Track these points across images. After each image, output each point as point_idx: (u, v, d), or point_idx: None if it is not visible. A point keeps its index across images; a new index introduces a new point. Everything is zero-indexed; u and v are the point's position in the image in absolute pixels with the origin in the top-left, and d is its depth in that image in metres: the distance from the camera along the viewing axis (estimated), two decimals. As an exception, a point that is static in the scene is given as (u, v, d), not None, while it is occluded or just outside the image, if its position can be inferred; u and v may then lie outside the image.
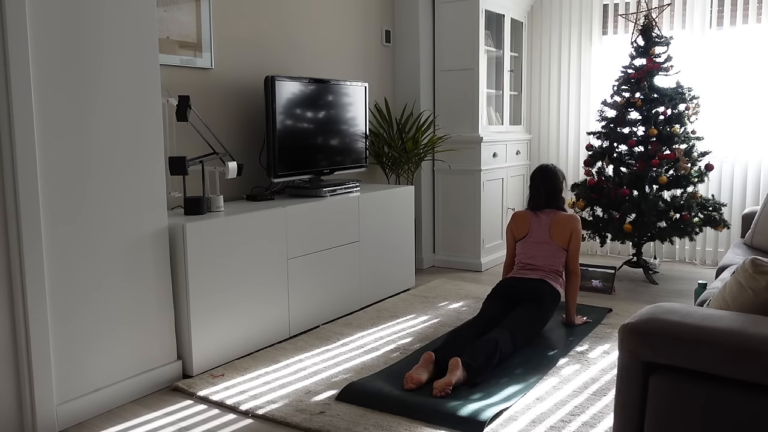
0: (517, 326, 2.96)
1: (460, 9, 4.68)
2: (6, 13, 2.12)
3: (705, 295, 2.41)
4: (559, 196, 3.43)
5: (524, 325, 3.00)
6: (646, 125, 4.25)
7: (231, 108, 3.51)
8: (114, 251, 2.52)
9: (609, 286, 4.13)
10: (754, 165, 4.68)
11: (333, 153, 3.77)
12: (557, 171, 3.45)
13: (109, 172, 2.49)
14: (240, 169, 3.16)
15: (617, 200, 4.24)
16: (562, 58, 5.31)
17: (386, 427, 2.32)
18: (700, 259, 4.97)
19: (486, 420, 2.30)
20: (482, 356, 2.68)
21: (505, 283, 3.25)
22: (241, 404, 2.52)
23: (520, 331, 2.95)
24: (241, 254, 2.97)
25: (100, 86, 2.43)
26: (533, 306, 3.10)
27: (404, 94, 4.80)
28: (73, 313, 2.39)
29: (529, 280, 3.22)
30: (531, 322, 3.04)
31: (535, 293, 3.14)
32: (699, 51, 4.77)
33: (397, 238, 4.11)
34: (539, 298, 3.13)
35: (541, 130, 5.50)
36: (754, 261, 1.65)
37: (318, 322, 3.49)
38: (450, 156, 4.80)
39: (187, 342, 2.79)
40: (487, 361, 2.69)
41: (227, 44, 3.46)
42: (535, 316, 3.07)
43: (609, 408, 2.46)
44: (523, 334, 2.98)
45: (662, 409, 1.56)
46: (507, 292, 3.21)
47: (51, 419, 2.32)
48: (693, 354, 1.49)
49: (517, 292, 3.18)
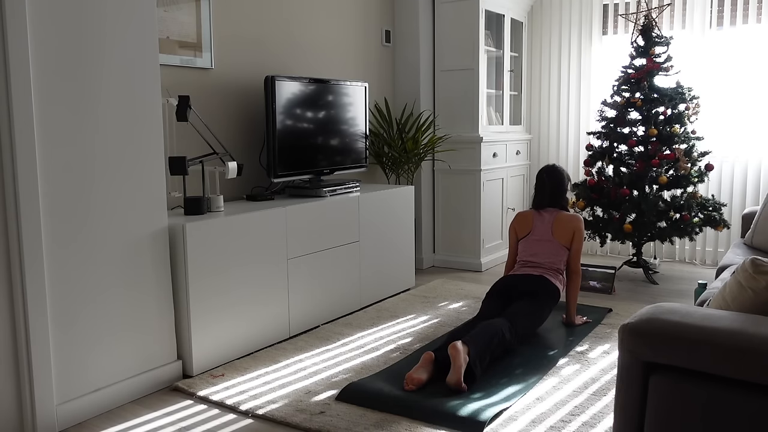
0: (516, 316, 2.97)
1: (460, 9, 4.68)
2: (6, 12, 2.12)
3: (705, 295, 2.41)
4: (563, 195, 3.44)
5: (522, 315, 3.00)
6: (646, 125, 4.25)
7: (231, 108, 3.51)
8: (114, 251, 2.52)
9: (609, 286, 4.13)
10: (754, 165, 4.68)
11: (333, 153, 3.77)
12: (563, 171, 3.48)
13: (108, 171, 2.49)
14: (240, 169, 3.16)
15: (617, 200, 4.24)
16: (562, 58, 5.31)
17: (386, 427, 2.32)
18: (700, 259, 4.97)
19: (486, 420, 2.30)
20: (481, 335, 2.71)
21: (505, 280, 3.26)
22: (241, 404, 2.52)
23: (518, 321, 2.96)
24: (241, 254, 2.97)
25: (100, 86, 2.43)
26: (531, 300, 3.11)
27: (404, 94, 4.80)
28: (72, 313, 2.39)
29: (529, 276, 3.23)
30: (529, 314, 3.04)
31: (533, 289, 3.15)
32: (699, 51, 4.77)
33: (397, 238, 4.11)
34: (537, 293, 3.14)
35: (541, 130, 5.50)
36: (754, 261, 1.65)
37: (318, 322, 3.49)
38: (450, 156, 4.80)
39: (187, 342, 2.79)
40: (488, 339, 2.72)
41: (227, 44, 3.46)
42: (533, 309, 3.07)
43: (609, 408, 2.46)
44: (522, 324, 2.98)
45: (662, 409, 1.56)
46: (506, 289, 3.21)
47: (51, 419, 2.32)
48: (693, 354, 1.49)
49: (517, 288, 3.19)
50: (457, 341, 2.62)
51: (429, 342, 3.19)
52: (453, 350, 2.59)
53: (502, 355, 2.91)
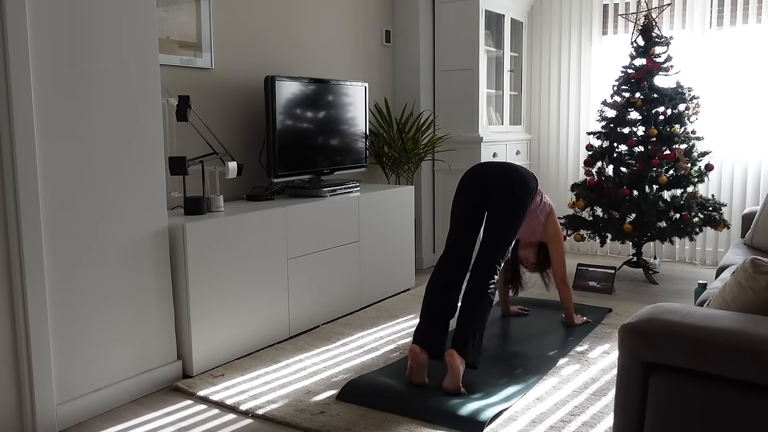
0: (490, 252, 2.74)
1: (460, 9, 4.68)
2: (6, 12, 2.12)
3: (705, 295, 2.41)
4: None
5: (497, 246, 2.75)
6: (646, 125, 4.25)
7: (231, 108, 3.51)
8: (114, 251, 2.52)
9: (609, 286, 4.13)
10: (754, 165, 4.68)
11: (333, 153, 3.77)
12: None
13: (108, 172, 2.49)
14: (240, 169, 3.16)
15: (617, 200, 4.24)
16: (562, 58, 5.31)
17: (386, 427, 2.32)
18: (700, 259, 4.97)
19: (486, 420, 2.30)
20: (471, 339, 2.58)
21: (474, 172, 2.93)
22: (241, 404, 2.52)
23: (496, 255, 2.74)
24: (241, 254, 2.97)
25: (100, 86, 2.43)
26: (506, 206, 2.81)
27: (404, 94, 4.80)
28: (72, 313, 2.39)
29: (501, 166, 2.93)
30: (505, 235, 2.78)
31: (509, 183, 2.84)
32: (699, 51, 4.77)
33: (397, 238, 4.11)
34: (514, 186, 2.84)
35: (541, 130, 5.50)
36: (754, 261, 1.65)
37: (318, 322, 3.49)
38: (450, 156, 4.80)
39: (187, 342, 2.79)
40: (478, 326, 2.62)
41: (227, 44, 3.46)
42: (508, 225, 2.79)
43: (609, 408, 2.46)
44: (501, 254, 2.75)
45: (662, 409, 1.56)
46: (478, 184, 2.88)
47: (51, 419, 2.32)
48: (693, 354, 1.49)
49: (488, 179, 2.88)
50: (451, 349, 2.57)
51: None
52: (450, 358, 2.55)
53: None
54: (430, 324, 2.70)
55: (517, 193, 2.84)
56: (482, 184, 2.88)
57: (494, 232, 2.79)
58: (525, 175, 2.93)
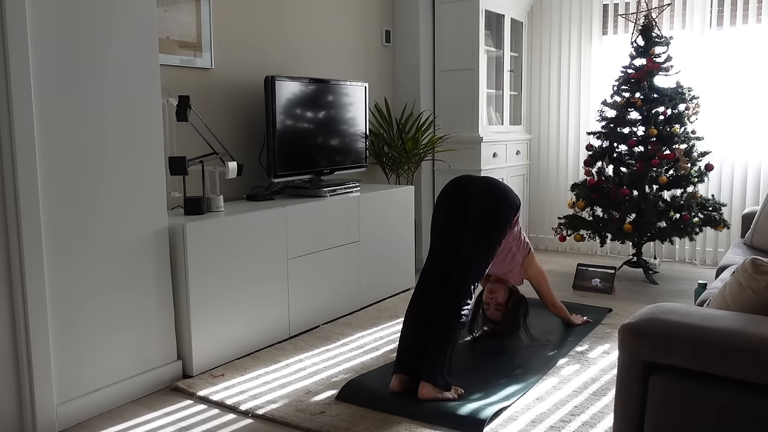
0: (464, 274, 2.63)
1: (460, 9, 4.68)
2: (6, 12, 2.12)
3: (705, 295, 2.42)
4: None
5: (473, 266, 2.66)
6: (646, 125, 4.25)
7: (231, 108, 3.51)
8: (114, 251, 2.52)
9: (609, 286, 4.13)
10: (754, 165, 4.68)
11: (333, 153, 3.77)
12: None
13: (108, 172, 2.49)
14: (240, 169, 3.16)
15: (617, 200, 4.24)
16: (562, 58, 5.31)
17: (386, 427, 2.32)
18: (700, 259, 4.97)
19: (486, 419, 2.30)
20: (441, 366, 2.49)
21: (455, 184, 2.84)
22: (241, 404, 2.52)
23: (468, 279, 2.63)
24: (241, 254, 2.97)
25: (100, 86, 2.43)
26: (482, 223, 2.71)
27: (404, 94, 4.80)
28: (72, 313, 2.39)
29: (480, 179, 2.84)
30: (480, 253, 2.68)
31: (488, 191, 2.78)
32: (699, 51, 4.77)
33: (397, 238, 4.11)
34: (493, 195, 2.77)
35: (541, 130, 5.50)
36: (754, 261, 1.65)
37: (318, 322, 3.49)
38: (450, 156, 4.80)
39: (187, 342, 2.79)
40: (449, 359, 2.52)
41: (227, 44, 3.46)
42: (484, 246, 2.69)
43: (609, 408, 2.46)
44: (476, 275, 2.65)
45: (662, 409, 1.56)
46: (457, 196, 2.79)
47: (51, 419, 2.32)
48: (693, 354, 1.49)
49: (468, 189, 2.79)
50: (423, 382, 2.47)
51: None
52: (424, 391, 2.46)
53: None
54: (409, 351, 2.60)
55: (495, 206, 2.74)
56: (463, 195, 2.79)
57: (468, 247, 2.67)
58: (507, 190, 2.84)
